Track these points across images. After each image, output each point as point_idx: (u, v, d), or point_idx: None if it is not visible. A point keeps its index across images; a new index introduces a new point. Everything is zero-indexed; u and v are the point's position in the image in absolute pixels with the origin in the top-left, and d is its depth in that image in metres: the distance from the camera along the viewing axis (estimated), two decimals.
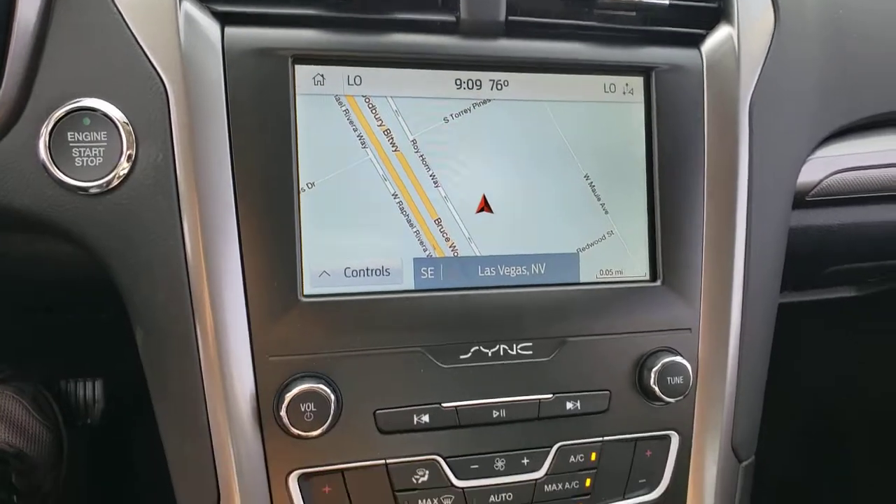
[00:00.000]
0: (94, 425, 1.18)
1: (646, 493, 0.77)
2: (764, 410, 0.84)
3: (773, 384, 0.85)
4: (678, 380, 0.74)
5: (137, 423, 1.57)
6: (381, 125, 0.69)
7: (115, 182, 0.63)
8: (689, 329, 0.77)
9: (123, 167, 0.63)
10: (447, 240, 0.71)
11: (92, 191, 0.63)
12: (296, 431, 0.65)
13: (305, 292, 0.68)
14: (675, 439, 0.77)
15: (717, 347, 0.78)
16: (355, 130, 0.69)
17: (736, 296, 0.78)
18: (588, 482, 0.75)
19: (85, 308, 1.06)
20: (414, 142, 0.70)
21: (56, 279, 0.80)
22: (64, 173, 0.62)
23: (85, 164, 0.63)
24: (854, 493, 1.74)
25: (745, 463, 0.81)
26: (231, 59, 0.65)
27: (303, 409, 0.65)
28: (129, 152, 0.63)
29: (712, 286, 0.77)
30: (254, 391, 0.66)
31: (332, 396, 0.66)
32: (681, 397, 0.74)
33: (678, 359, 0.74)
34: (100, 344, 1.23)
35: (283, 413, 0.65)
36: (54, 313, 1.11)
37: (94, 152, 0.63)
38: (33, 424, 1.00)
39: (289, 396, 0.65)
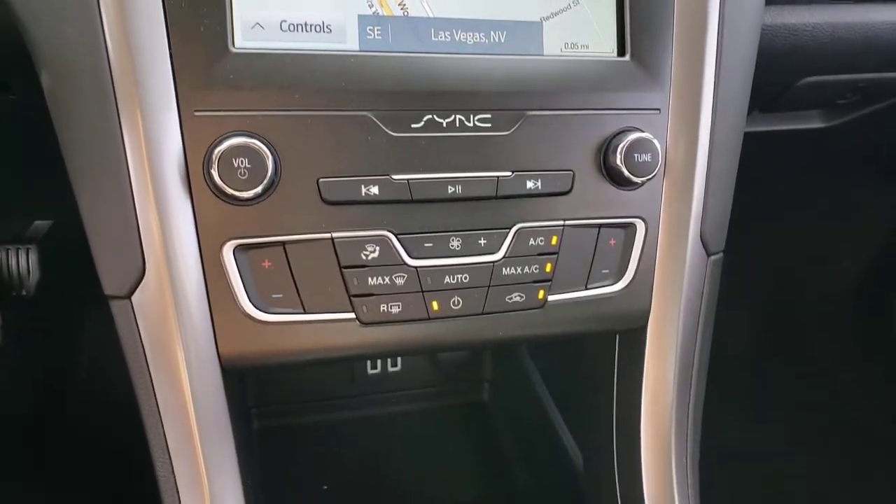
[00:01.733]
0: (30, 298, 1.11)
1: (610, 284, 0.74)
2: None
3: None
4: (646, 157, 0.69)
5: (80, 299, 1.50)
6: None
7: None
8: (658, 110, 0.72)
9: None
10: None
11: None
12: (229, 190, 0.59)
13: (236, 44, 0.61)
14: (640, 228, 0.73)
15: (687, 131, 0.73)
16: None
17: (708, 78, 0.73)
18: (548, 267, 0.70)
19: None
20: None
21: None
22: None
23: None
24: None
25: (713, 257, 0.77)
26: None
27: (236, 165, 0.58)
28: None
29: (683, 66, 0.72)
30: (181, 150, 0.60)
31: (269, 155, 0.59)
32: (648, 177, 0.69)
33: (646, 135, 0.69)
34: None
35: (213, 170, 0.58)
36: None
37: None
38: None
39: (219, 150, 0.58)
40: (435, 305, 0.68)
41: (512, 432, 1.19)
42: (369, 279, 0.65)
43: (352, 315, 0.66)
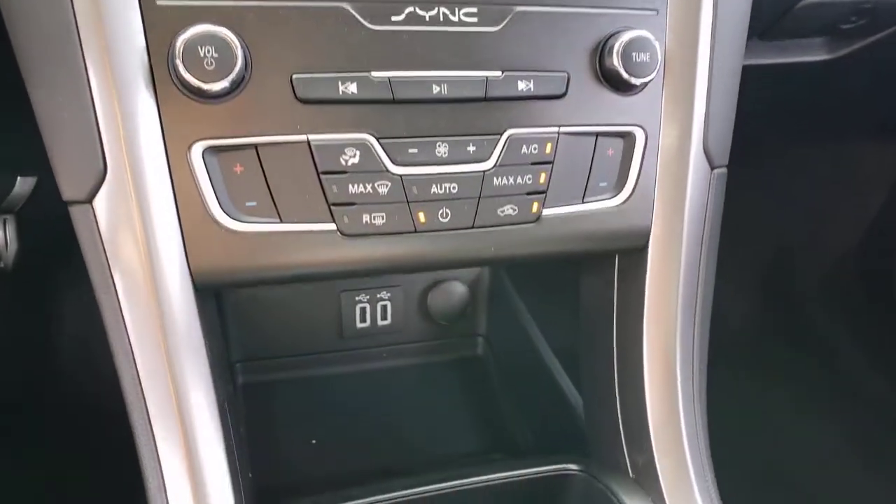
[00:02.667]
0: (9, 270, 1.06)
1: (608, 198, 0.69)
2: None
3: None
4: (644, 57, 0.64)
5: (60, 271, 1.45)
6: None
7: None
8: (656, 11, 0.67)
9: None
10: None
11: None
12: (195, 82, 0.54)
13: None
14: (640, 137, 0.69)
15: (687, 33, 0.68)
16: None
17: None
18: (542, 178, 0.66)
19: None
20: None
21: None
22: None
23: None
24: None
25: (717, 170, 0.73)
26: None
27: (202, 54, 0.54)
28: None
29: None
30: (143, 42, 0.55)
31: (238, 45, 0.54)
32: (647, 78, 0.65)
33: (644, 33, 0.64)
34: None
35: (178, 60, 0.53)
36: None
37: None
38: None
39: (184, 38, 0.53)
40: (422, 217, 0.63)
41: (508, 385, 1.14)
42: (350, 187, 0.61)
43: (332, 226, 0.61)
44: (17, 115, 0.58)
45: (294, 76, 0.58)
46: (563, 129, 0.66)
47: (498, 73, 0.63)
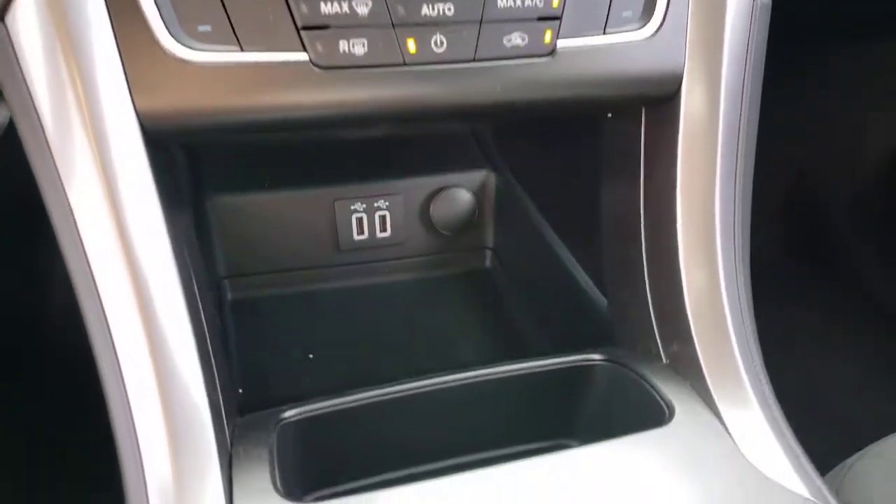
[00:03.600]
0: None
1: (633, 29, 0.58)
2: None
3: None
4: None
5: None
6: None
7: None
8: None
9: None
10: None
11: None
12: None
13: None
14: None
15: None
16: None
17: None
18: (556, 2, 0.55)
19: None
20: None
21: None
22: None
23: None
24: None
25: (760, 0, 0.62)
26: None
27: None
28: None
29: None
30: None
31: None
32: None
33: None
34: None
35: None
36: None
37: None
38: None
39: None
40: (411, 46, 0.53)
41: (522, 294, 1.05)
42: (322, 5, 0.50)
43: (303, 55, 0.51)
44: None
45: None
46: None
47: None
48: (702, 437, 0.58)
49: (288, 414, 0.62)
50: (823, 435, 0.78)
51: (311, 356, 0.93)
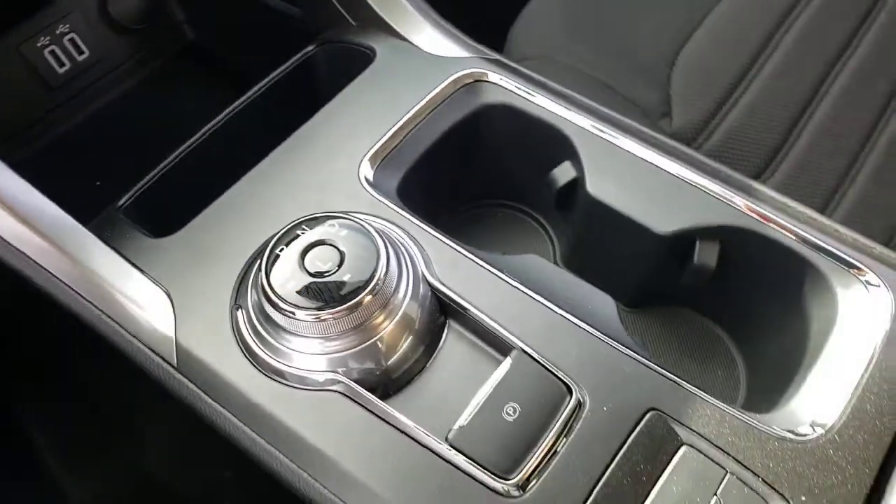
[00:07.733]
0: None
1: None
2: None
3: None
4: None
5: None
6: None
7: None
8: None
9: None
10: None
11: None
12: None
13: None
14: None
15: None
16: None
17: None
18: None
19: None
20: None
21: None
22: None
23: None
24: None
25: None
26: None
27: None
28: None
29: None
30: None
31: None
32: None
33: None
34: None
35: None
36: None
37: None
38: None
39: None
40: None
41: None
42: None
43: None
44: None
45: None
46: None
47: None
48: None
49: (122, 200, 0.73)
50: None
51: (98, 183, 1.01)
